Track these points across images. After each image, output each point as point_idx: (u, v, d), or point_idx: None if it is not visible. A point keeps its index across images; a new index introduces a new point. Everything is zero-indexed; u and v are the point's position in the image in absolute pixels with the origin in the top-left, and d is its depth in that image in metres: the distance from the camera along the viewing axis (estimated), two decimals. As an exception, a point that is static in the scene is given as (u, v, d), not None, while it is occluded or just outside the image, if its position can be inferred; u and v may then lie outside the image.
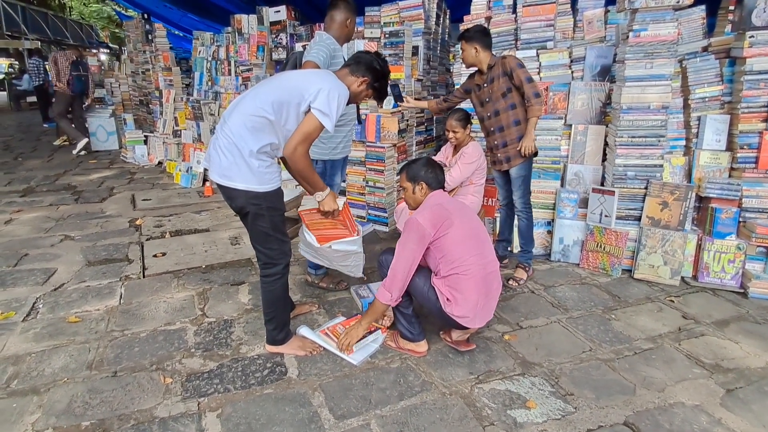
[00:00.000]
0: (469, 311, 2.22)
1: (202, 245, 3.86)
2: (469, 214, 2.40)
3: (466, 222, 2.30)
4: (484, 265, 2.25)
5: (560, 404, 2.07)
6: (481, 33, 3.06)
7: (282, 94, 2.05)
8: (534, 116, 2.96)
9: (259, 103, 2.04)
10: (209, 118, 6.03)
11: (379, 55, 2.34)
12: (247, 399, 2.09)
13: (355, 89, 2.25)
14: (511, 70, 2.95)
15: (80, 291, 3.07)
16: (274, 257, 2.26)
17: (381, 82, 2.30)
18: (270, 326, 2.38)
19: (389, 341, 2.50)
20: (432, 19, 4.67)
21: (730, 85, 3.24)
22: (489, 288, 2.29)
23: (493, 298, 2.35)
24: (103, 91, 9.08)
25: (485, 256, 2.28)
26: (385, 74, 2.31)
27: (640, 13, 3.12)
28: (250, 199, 2.10)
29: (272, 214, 2.17)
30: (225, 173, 2.07)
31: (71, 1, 23.20)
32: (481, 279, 2.24)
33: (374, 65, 2.26)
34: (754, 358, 2.41)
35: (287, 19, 5.36)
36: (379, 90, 2.32)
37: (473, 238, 2.28)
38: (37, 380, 2.20)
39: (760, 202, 3.13)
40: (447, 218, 2.23)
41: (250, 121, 2.03)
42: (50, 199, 5.18)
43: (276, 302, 2.34)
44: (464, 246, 2.23)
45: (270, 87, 2.11)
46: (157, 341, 2.52)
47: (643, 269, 3.26)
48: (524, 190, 3.18)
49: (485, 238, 2.37)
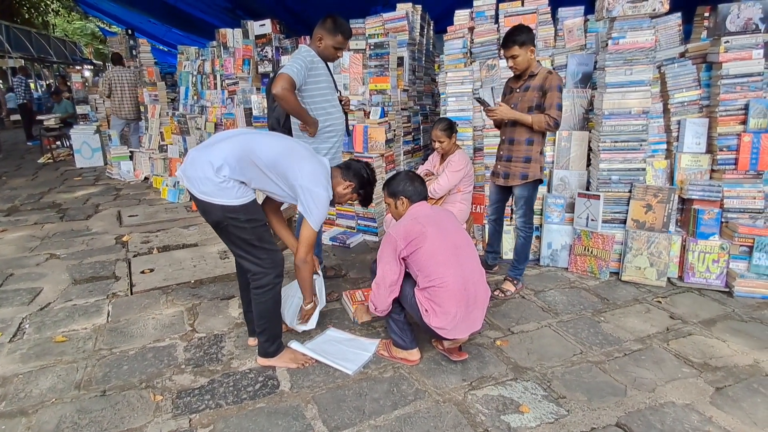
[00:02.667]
0: (447, 323, 2.21)
1: (191, 260, 3.83)
2: (447, 226, 2.36)
3: (443, 234, 2.28)
4: (463, 276, 2.23)
5: (553, 408, 2.08)
6: (529, 33, 2.85)
7: (283, 163, 2.19)
8: (536, 121, 2.84)
9: (264, 152, 2.16)
10: (195, 132, 6.01)
11: (368, 165, 2.54)
12: (240, 414, 2.06)
13: (341, 191, 2.44)
14: (549, 88, 2.83)
15: (67, 310, 3.02)
16: (264, 267, 2.26)
17: (366, 188, 2.52)
18: (262, 338, 2.36)
19: (382, 351, 2.50)
20: (416, 30, 4.73)
21: (707, 90, 3.32)
22: (471, 298, 2.25)
23: (478, 308, 2.31)
24: (87, 107, 9.03)
25: (464, 267, 2.26)
26: (371, 182, 2.53)
27: (618, 21, 3.20)
28: (227, 212, 2.12)
29: (253, 225, 2.20)
30: (201, 188, 2.10)
31: (54, 18, 23.11)
32: (460, 291, 2.21)
33: (362, 173, 2.48)
34: (742, 355, 2.45)
35: (272, 33, 5.38)
36: (364, 196, 2.54)
37: (449, 249, 2.26)
38: (25, 401, 2.16)
39: (741, 202, 3.20)
40: (420, 233, 2.23)
41: (246, 157, 2.12)
42: (35, 217, 5.11)
43: (268, 314, 2.32)
44: (439, 259, 2.21)
45: (281, 149, 2.23)
46: (147, 358, 2.48)
47: (630, 271, 3.31)
48: (526, 210, 3.10)
49: (466, 247, 2.34)
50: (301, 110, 2.72)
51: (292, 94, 2.62)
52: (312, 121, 2.78)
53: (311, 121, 2.78)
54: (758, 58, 3.08)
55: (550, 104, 2.83)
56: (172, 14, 8.86)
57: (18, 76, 11.24)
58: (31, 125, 10.79)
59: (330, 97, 2.91)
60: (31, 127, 10.81)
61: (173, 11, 8.50)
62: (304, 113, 2.74)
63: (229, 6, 7.91)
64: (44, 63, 17.93)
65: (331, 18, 2.80)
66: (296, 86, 2.65)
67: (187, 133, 6.00)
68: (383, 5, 6.16)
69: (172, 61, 12.49)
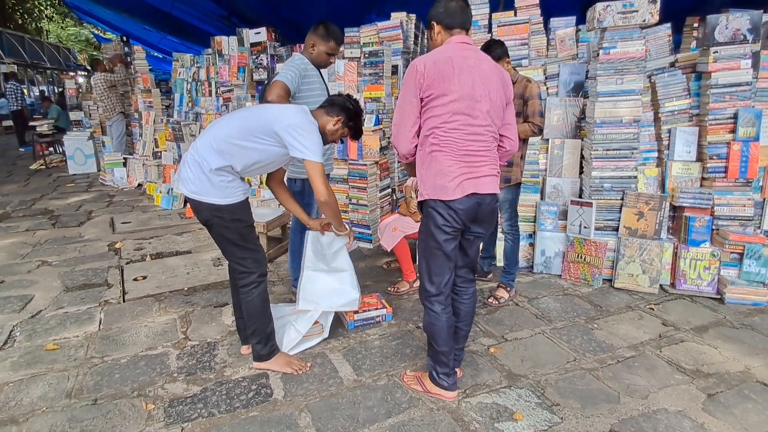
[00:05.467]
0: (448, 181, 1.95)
1: (184, 267, 3.81)
2: (477, 84, 1.93)
3: (468, 96, 1.92)
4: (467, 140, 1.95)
5: (547, 415, 2.08)
6: (502, 46, 2.89)
7: (251, 123, 2.18)
8: (521, 131, 2.79)
9: (228, 130, 2.17)
10: (190, 139, 6.00)
11: (350, 97, 2.48)
12: (232, 423, 2.05)
13: (331, 128, 2.37)
14: (529, 96, 2.89)
15: (58, 317, 3.00)
16: (247, 266, 2.31)
17: (355, 120, 2.44)
18: (254, 340, 2.38)
19: (413, 385, 2.26)
20: (410, 39, 4.76)
21: (697, 99, 3.37)
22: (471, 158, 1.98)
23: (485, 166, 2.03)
24: (80, 113, 8.99)
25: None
26: (358, 113, 2.45)
27: (609, 31, 3.24)
28: (214, 211, 2.18)
29: (237, 225, 2.24)
30: (192, 188, 2.17)
31: (48, 24, 23.07)
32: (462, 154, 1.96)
33: (347, 105, 2.41)
34: (733, 362, 2.47)
35: (267, 40, 5.40)
36: (354, 128, 2.46)
37: (469, 112, 1.93)
38: (16, 410, 2.14)
39: (731, 209, 3.23)
40: (448, 77, 1.89)
41: (217, 144, 2.15)
42: (26, 224, 5.07)
43: (256, 314, 2.35)
44: (453, 123, 1.92)
45: (243, 115, 2.26)
46: (139, 367, 2.47)
47: (623, 278, 3.33)
48: (511, 213, 3.15)
49: (490, 109, 1.99)
50: None
51: (286, 101, 2.64)
52: None
53: None
54: (746, 68, 3.13)
55: (533, 112, 2.92)
56: (167, 22, 8.86)
57: (11, 82, 11.18)
58: (25, 131, 10.73)
59: None
60: (24, 133, 10.76)
61: (168, 19, 8.50)
62: None
63: (225, 14, 7.92)
64: (37, 69, 17.87)
65: (323, 24, 2.83)
66: (290, 93, 2.67)
67: (182, 140, 5.99)
68: (378, 14, 6.21)
69: (167, 68, 12.47)
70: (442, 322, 2.09)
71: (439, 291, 2.09)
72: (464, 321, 2.24)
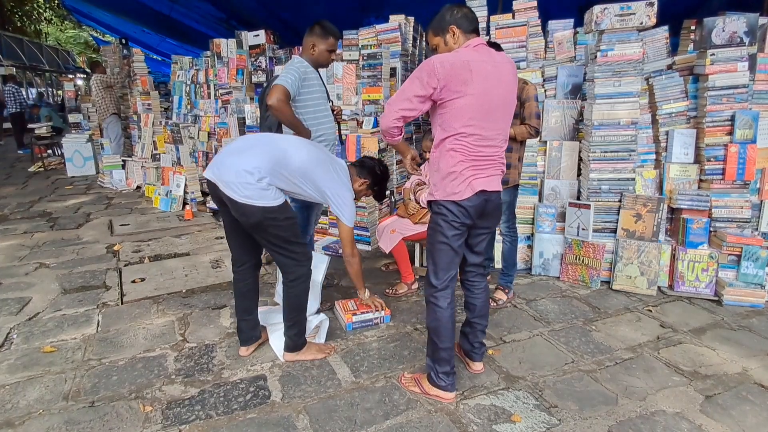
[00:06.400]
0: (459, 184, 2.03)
1: (183, 269, 3.81)
2: (494, 90, 1.96)
3: (487, 102, 1.96)
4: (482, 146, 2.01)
5: (545, 417, 2.08)
6: (500, 50, 2.83)
7: (311, 173, 2.36)
8: (518, 132, 2.87)
9: (290, 162, 2.29)
10: (189, 141, 6.01)
11: (381, 162, 2.75)
12: (230, 425, 2.05)
13: (357, 188, 2.62)
14: (526, 98, 2.89)
15: (56, 320, 2.99)
16: (299, 260, 2.39)
17: (380, 185, 2.72)
18: (292, 332, 2.45)
19: (411, 386, 2.27)
20: (409, 41, 4.77)
21: (694, 101, 3.38)
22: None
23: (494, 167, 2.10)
24: (79, 116, 8.99)
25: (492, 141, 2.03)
26: (384, 178, 2.71)
27: (606, 34, 3.26)
28: (267, 213, 2.22)
29: (289, 222, 2.32)
30: (244, 193, 2.18)
31: (47, 27, 23.09)
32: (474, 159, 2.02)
33: (375, 170, 2.67)
34: (731, 364, 2.47)
35: (266, 43, 5.41)
36: (378, 192, 2.76)
37: (484, 117, 1.97)
38: (12, 413, 2.13)
39: (729, 211, 3.24)
40: (466, 81, 1.90)
41: (278, 167, 2.26)
42: (24, 226, 5.06)
43: (300, 306, 2.44)
44: (468, 129, 1.96)
45: (307, 157, 2.37)
46: (136, 369, 2.46)
47: (621, 280, 3.33)
48: (509, 215, 3.14)
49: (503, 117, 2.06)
50: (295, 121, 2.75)
51: (287, 105, 2.65)
52: (306, 132, 2.80)
53: (305, 132, 2.80)
54: (743, 71, 3.14)
55: (530, 114, 2.92)
56: (166, 24, 8.89)
57: (9, 84, 11.18)
58: (23, 133, 10.73)
59: (323, 107, 2.94)
60: (23, 135, 10.75)
61: (167, 21, 8.53)
62: (298, 124, 2.77)
63: (224, 17, 7.95)
64: (36, 71, 17.86)
65: (318, 24, 2.85)
66: (291, 97, 2.68)
67: (180, 143, 5.99)
68: (376, 17, 6.24)
69: (165, 71, 12.49)
70: (446, 317, 2.13)
71: (445, 286, 2.14)
72: (479, 315, 2.34)
